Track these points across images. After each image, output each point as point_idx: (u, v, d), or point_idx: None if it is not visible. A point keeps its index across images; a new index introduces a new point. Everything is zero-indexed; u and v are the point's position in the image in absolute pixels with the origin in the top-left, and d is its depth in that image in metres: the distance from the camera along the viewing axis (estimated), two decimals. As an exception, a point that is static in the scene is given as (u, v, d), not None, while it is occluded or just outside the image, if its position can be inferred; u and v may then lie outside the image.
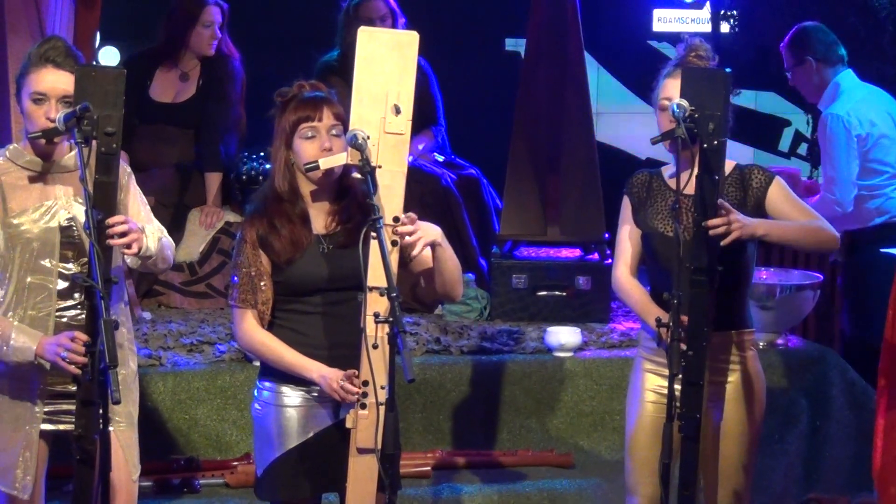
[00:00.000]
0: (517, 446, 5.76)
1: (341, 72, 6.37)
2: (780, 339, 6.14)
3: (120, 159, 3.97)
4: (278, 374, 4.13)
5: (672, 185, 4.38)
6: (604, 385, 5.87)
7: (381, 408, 3.93)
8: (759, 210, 4.34)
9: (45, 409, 4.13)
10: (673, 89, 4.28)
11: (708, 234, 4.10)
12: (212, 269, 6.71)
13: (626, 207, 4.51)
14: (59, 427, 4.14)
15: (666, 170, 4.50)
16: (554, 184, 6.52)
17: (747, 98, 8.49)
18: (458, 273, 4.16)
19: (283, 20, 8.07)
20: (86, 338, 3.90)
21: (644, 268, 4.52)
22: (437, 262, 4.11)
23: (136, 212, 4.21)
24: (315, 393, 4.09)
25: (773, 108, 8.70)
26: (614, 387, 5.82)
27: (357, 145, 3.96)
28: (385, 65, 4.02)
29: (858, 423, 5.94)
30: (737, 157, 4.47)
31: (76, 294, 4.10)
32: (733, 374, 4.37)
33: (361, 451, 4.00)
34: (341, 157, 4.05)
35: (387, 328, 3.86)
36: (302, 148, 4.11)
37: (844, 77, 6.38)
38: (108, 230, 3.88)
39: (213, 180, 6.76)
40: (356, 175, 4.00)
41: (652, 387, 4.41)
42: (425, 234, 4.02)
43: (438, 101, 6.92)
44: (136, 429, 4.25)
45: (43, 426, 4.13)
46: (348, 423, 4.02)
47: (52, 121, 3.99)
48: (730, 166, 4.36)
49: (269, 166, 4.96)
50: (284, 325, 4.14)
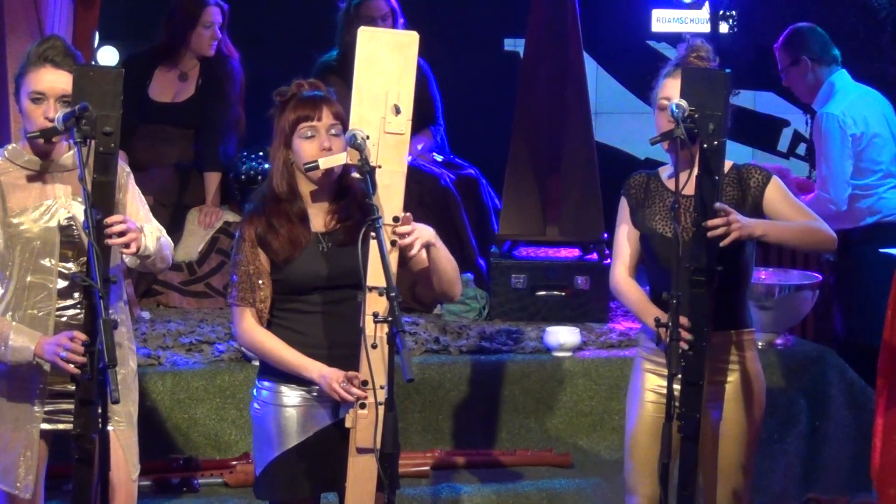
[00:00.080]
0: (516, 446, 5.75)
1: (340, 71, 6.37)
2: (779, 339, 6.13)
3: (118, 159, 3.97)
4: (277, 374, 4.12)
5: (670, 185, 4.38)
6: (603, 385, 5.86)
7: (381, 407, 3.92)
8: (756, 210, 4.33)
9: (45, 408, 4.13)
10: (672, 89, 4.27)
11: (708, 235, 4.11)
12: (211, 269, 6.71)
13: (623, 209, 4.50)
14: (58, 426, 4.13)
15: (664, 171, 4.49)
16: (553, 184, 6.52)
17: (746, 98, 8.48)
18: (454, 273, 4.15)
19: (283, 20, 8.07)
20: (85, 337, 3.89)
21: (643, 268, 4.52)
22: (432, 262, 4.10)
23: (134, 211, 4.21)
24: (314, 392, 4.09)
25: (772, 108, 8.70)
26: (613, 387, 5.82)
27: (356, 145, 3.95)
28: (385, 65, 4.02)
29: (857, 424, 5.93)
30: (735, 157, 4.46)
31: (76, 293, 4.10)
32: (733, 374, 4.37)
33: (360, 450, 4.00)
34: (341, 157, 4.04)
35: (386, 328, 3.86)
36: (301, 147, 4.10)
37: (839, 77, 6.40)
38: (107, 229, 3.87)
39: (213, 180, 6.76)
40: (355, 175, 4.00)
41: (652, 387, 4.40)
42: (421, 235, 4.02)
43: (437, 100, 6.92)
44: (136, 428, 4.25)
45: (42, 426, 4.13)
46: (347, 423, 4.02)
47: (51, 120, 3.98)
48: (727, 166, 4.35)
49: (268, 166, 4.96)
50: (283, 324, 4.13)
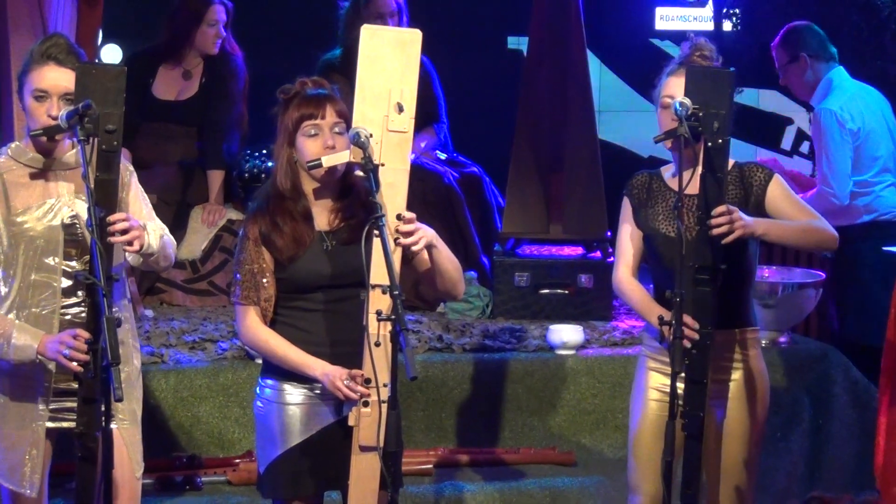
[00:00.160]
0: (519, 444, 5.75)
1: (343, 70, 6.37)
2: (782, 337, 6.13)
3: (121, 157, 3.97)
4: (281, 372, 4.12)
5: (673, 185, 4.37)
6: (606, 383, 5.86)
7: (384, 405, 3.93)
8: (759, 208, 4.33)
9: (49, 406, 4.12)
10: (675, 87, 4.26)
11: (711, 233, 4.10)
12: (214, 267, 6.71)
13: (626, 208, 4.49)
14: (62, 425, 4.13)
15: (666, 170, 4.49)
16: (556, 182, 6.52)
17: (750, 96, 8.47)
18: (457, 272, 4.15)
19: (286, 18, 8.06)
20: (88, 335, 3.89)
21: (646, 267, 4.51)
22: (433, 262, 4.10)
23: (137, 209, 4.20)
24: (317, 390, 4.09)
25: (776, 106, 8.68)
26: (616, 385, 5.82)
27: (360, 143, 3.95)
28: (388, 63, 4.02)
29: (861, 422, 5.93)
30: (738, 155, 4.46)
31: (80, 291, 4.09)
32: (737, 373, 4.36)
33: (364, 448, 4.00)
34: (344, 155, 4.04)
35: (389, 326, 3.86)
36: (305, 145, 4.10)
37: (836, 73, 6.41)
38: (110, 227, 3.87)
39: (216, 178, 6.76)
40: (359, 173, 4.00)
41: (655, 385, 4.40)
42: (424, 234, 4.02)
43: (441, 98, 6.92)
44: (140, 426, 4.25)
45: (47, 424, 4.13)
46: (351, 421, 4.02)
47: (54, 118, 3.98)
48: (729, 164, 4.35)
49: (271, 164, 4.95)
50: (287, 322, 4.13)
